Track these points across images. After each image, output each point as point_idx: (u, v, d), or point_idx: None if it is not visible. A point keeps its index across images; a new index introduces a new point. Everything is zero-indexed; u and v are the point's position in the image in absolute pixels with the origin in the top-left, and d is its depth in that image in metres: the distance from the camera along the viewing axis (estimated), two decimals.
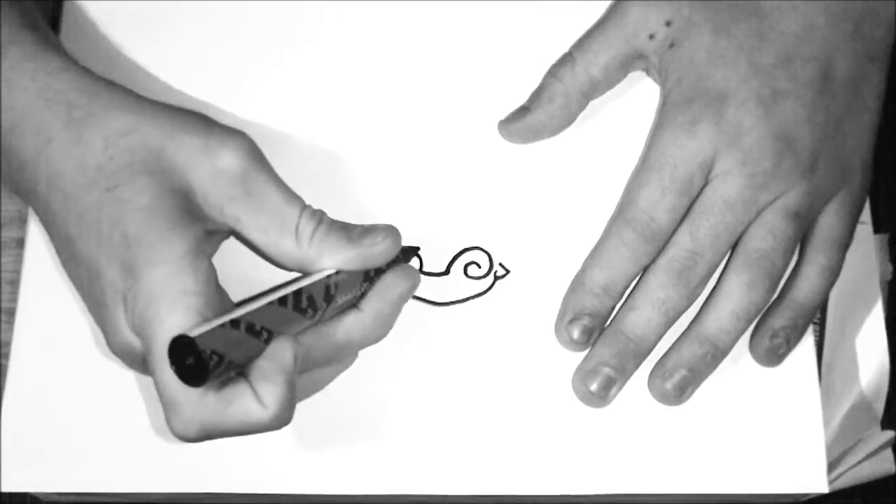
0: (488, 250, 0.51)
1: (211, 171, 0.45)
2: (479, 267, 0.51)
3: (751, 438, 0.49)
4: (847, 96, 0.51)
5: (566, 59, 0.52)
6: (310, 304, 0.44)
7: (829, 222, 0.51)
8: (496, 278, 0.51)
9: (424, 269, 0.51)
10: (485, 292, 0.51)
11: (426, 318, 0.50)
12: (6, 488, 0.48)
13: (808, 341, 0.51)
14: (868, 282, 0.56)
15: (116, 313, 0.43)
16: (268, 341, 0.42)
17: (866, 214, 0.57)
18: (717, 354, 0.49)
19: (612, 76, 0.52)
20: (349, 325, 0.46)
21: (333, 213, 0.51)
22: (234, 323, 0.41)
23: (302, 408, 0.48)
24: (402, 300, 0.47)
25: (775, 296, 0.50)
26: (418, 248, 0.51)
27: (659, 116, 0.51)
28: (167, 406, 0.42)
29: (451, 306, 0.51)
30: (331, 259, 0.45)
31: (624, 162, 0.52)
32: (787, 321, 0.50)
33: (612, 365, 0.49)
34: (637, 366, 0.49)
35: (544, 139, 0.53)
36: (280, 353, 0.42)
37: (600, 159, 0.53)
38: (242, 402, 0.42)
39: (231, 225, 0.45)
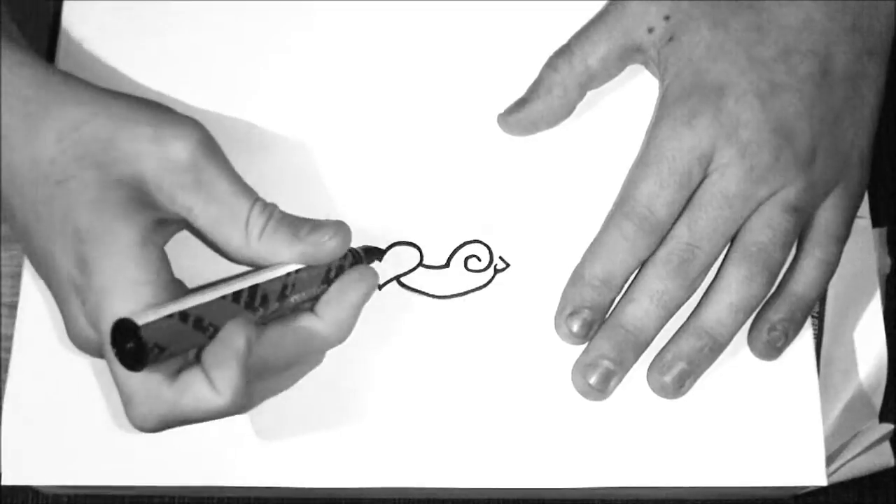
0: (488, 244, 0.52)
1: (161, 160, 0.45)
2: (480, 260, 0.51)
3: (749, 431, 0.49)
4: (846, 90, 0.51)
5: (564, 51, 0.52)
6: (263, 301, 0.44)
7: (827, 216, 0.51)
8: (496, 272, 0.51)
9: (425, 262, 0.51)
10: (485, 286, 0.51)
11: (426, 312, 0.50)
12: (7, 482, 0.48)
13: (806, 334, 0.51)
14: (867, 276, 0.57)
15: (73, 306, 0.44)
16: (212, 337, 0.42)
17: (865, 208, 0.57)
18: (715, 347, 0.49)
19: (610, 68, 0.52)
20: (308, 332, 0.46)
21: (335, 209, 0.51)
22: (183, 316, 0.41)
23: (304, 403, 0.48)
24: (360, 304, 0.47)
25: (774, 289, 0.50)
26: (384, 252, 0.50)
27: (658, 110, 0.51)
28: (125, 399, 0.43)
29: (451, 299, 0.51)
30: (277, 255, 0.45)
31: (623, 155, 0.52)
32: (784, 314, 0.50)
33: (611, 357, 0.49)
34: (636, 358, 0.49)
35: (543, 131, 0.53)
36: (232, 337, 0.42)
37: (600, 153, 0.53)
38: (196, 390, 0.42)
39: (183, 215, 0.45)
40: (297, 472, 0.49)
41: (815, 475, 0.49)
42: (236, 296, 0.43)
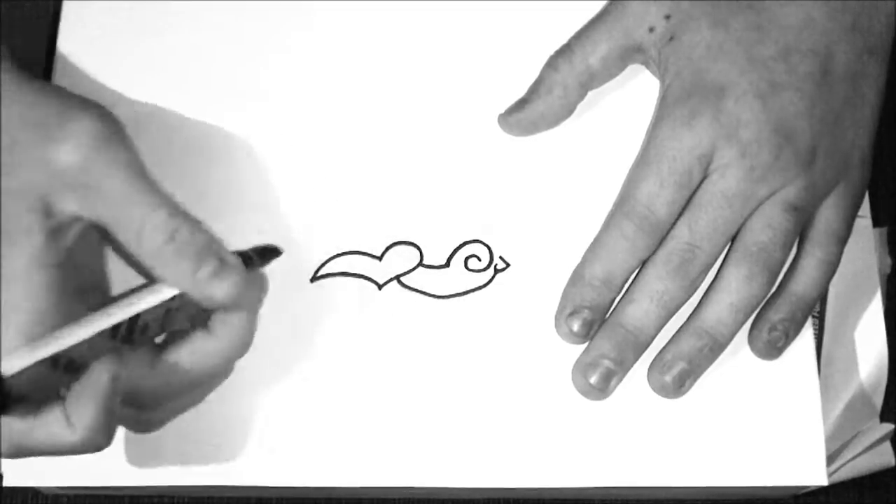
0: (489, 243, 0.52)
1: (52, 161, 0.42)
2: (480, 260, 0.51)
3: (750, 431, 0.49)
4: (846, 89, 0.51)
5: (564, 50, 0.52)
6: (143, 331, 0.42)
7: (827, 216, 0.51)
8: (496, 271, 0.51)
9: (425, 261, 0.51)
10: (485, 285, 0.51)
11: (426, 311, 0.50)
12: (8, 482, 0.48)
13: (807, 334, 0.51)
14: (867, 275, 0.56)
15: None
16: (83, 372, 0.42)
17: (866, 208, 0.57)
18: (715, 347, 0.49)
19: (611, 67, 0.52)
20: (205, 352, 0.44)
21: (336, 207, 0.51)
22: (54, 361, 0.40)
23: (304, 403, 0.49)
24: (255, 312, 0.45)
25: (774, 289, 0.50)
26: (280, 252, 0.46)
27: (658, 110, 0.51)
28: None
29: (451, 299, 0.51)
30: (169, 280, 0.43)
31: (623, 155, 0.52)
32: (785, 314, 0.50)
33: (612, 357, 0.49)
34: (636, 358, 0.49)
35: (543, 131, 0.53)
36: (96, 375, 0.41)
37: (600, 153, 0.53)
38: (49, 425, 0.41)
39: (85, 216, 0.43)
40: (298, 471, 0.49)
41: (815, 475, 0.49)
42: (114, 330, 0.42)
